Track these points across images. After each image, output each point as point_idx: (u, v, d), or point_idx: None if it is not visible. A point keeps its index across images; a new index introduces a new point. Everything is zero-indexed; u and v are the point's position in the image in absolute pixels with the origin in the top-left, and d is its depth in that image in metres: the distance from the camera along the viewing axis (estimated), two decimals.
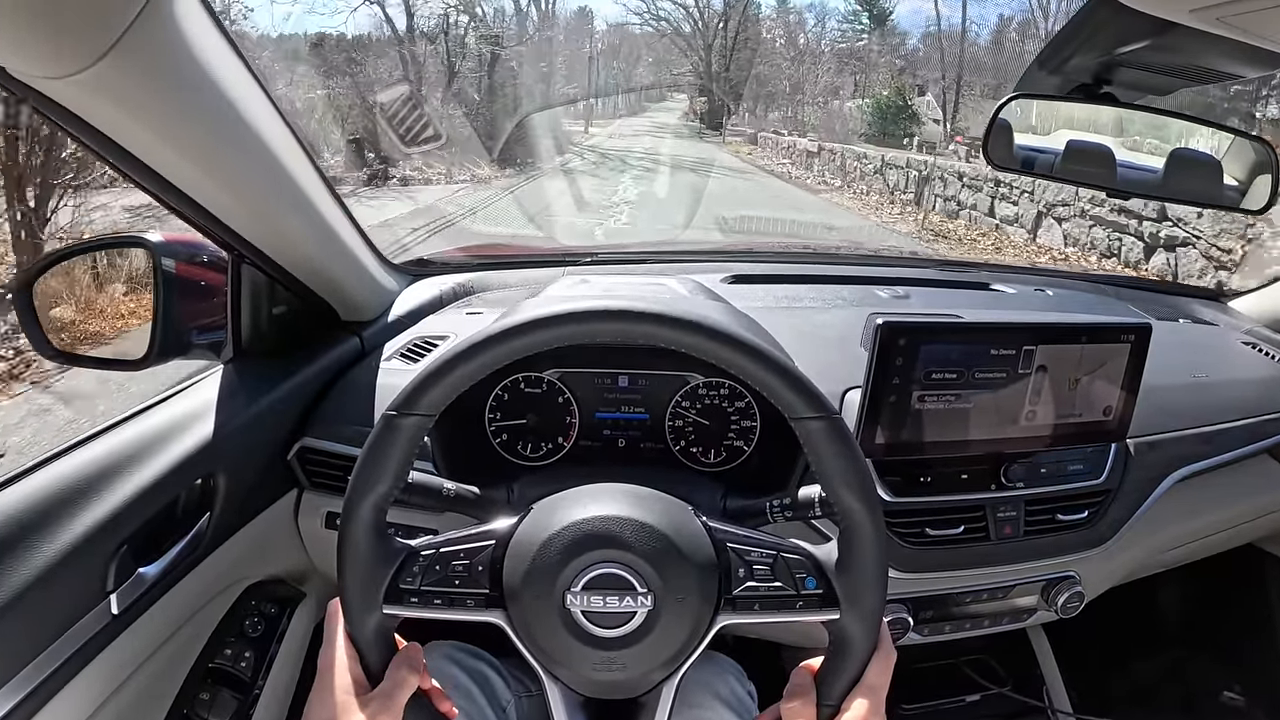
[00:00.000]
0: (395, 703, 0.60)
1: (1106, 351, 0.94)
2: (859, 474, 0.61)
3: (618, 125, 29.02)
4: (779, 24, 25.79)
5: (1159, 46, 0.78)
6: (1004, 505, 0.98)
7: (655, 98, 38.68)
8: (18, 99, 0.57)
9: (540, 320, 0.60)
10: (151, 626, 0.79)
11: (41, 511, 0.68)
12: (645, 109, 36.12)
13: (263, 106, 0.74)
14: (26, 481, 0.69)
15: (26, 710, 0.65)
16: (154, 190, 0.72)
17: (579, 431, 1.02)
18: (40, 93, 0.57)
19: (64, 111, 0.60)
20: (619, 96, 34.06)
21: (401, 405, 0.60)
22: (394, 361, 1.04)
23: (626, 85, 33.55)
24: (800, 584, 0.62)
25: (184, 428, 0.84)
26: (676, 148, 20.99)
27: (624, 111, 33.82)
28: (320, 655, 0.63)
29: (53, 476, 0.71)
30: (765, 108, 26.45)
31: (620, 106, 34.76)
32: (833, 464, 0.61)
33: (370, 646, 0.61)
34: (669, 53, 28.17)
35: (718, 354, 0.60)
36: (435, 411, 0.61)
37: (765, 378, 0.60)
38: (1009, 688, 1.34)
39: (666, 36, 27.24)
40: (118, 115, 0.62)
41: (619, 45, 30.06)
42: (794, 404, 0.60)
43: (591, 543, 0.61)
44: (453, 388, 0.60)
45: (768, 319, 1.04)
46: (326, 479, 0.96)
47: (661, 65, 29.04)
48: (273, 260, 0.89)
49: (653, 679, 0.64)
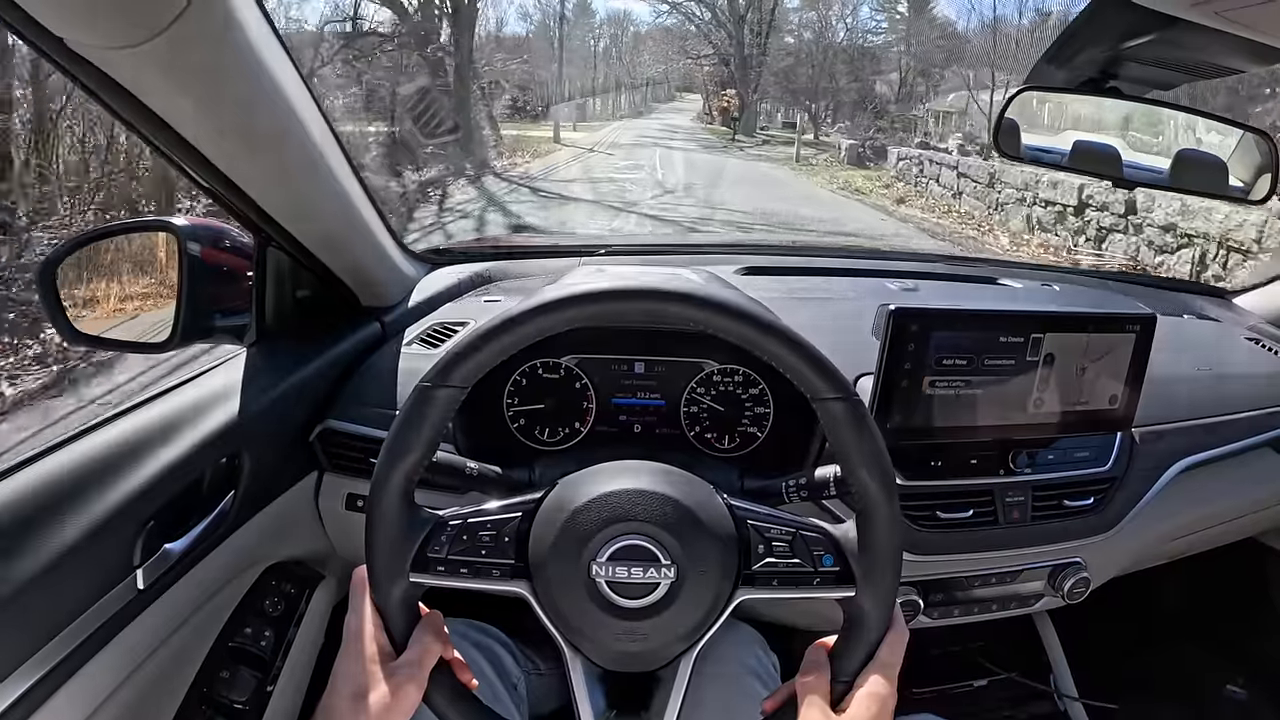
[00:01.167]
0: (422, 670, 0.61)
1: (1112, 341, 0.96)
2: (878, 455, 0.62)
3: (611, 130, 22.77)
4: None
5: (1163, 41, 0.80)
6: (1012, 490, 1.00)
7: (663, 96, 33.57)
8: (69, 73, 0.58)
9: (572, 298, 0.62)
10: (175, 603, 0.80)
11: (71, 485, 0.69)
12: (653, 109, 31.00)
13: (300, 90, 0.76)
14: (56, 456, 0.71)
15: (56, 680, 0.66)
16: (191, 167, 0.73)
17: (595, 417, 1.04)
18: (95, 66, 0.58)
19: (114, 85, 0.61)
20: (618, 92, 29.22)
21: (436, 377, 0.61)
22: (414, 346, 1.05)
23: (630, 80, 28.60)
24: (818, 561, 0.64)
25: (209, 407, 0.86)
26: (702, 168, 14.40)
27: (625, 112, 28.81)
28: (346, 622, 0.63)
29: (81, 452, 0.72)
30: (838, 106, 20.23)
31: (622, 106, 29.63)
32: (852, 444, 0.62)
33: (395, 614, 0.62)
34: (681, 34, 22.61)
35: (744, 335, 0.62)
36: (468, 384, 0.62)
37: (789, 358, 0.62)
38: (1016, 673, 1.36)
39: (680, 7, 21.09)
40: (170, 89, 0.63)
41: (622, 18, 23.86)
42: (817, 385, 0.62)
43: (618, 515, 0.62)
44: (487, 361, 0.62)
45: (780, 308, 1.05)
46: (348, 461, 0.98)
47: (671, 44, 23.11)
48: (299, 243, 0.91)
49: (672, 651, 0.65)
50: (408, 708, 0.59)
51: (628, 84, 29.24)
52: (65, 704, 0.67)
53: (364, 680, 0.59)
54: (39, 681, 0.64)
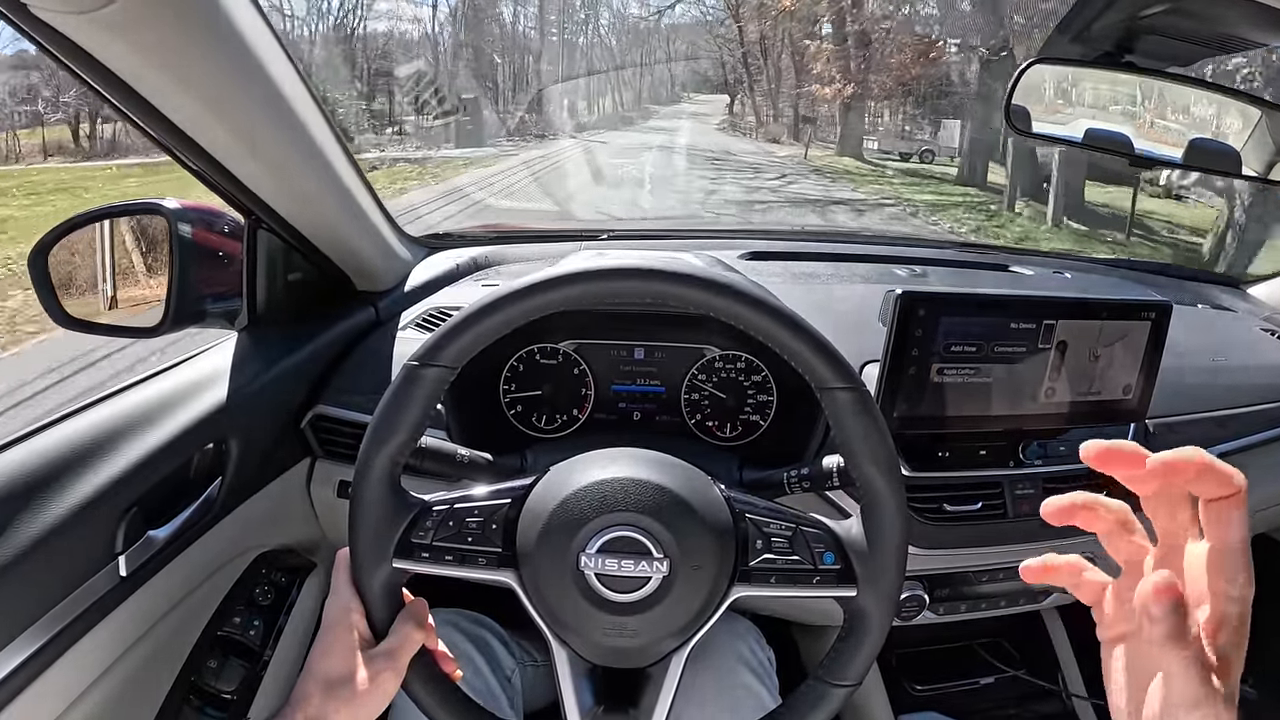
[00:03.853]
0: (399, 660, 0.59)
1: (1126, 329, 0.93)
2: (884, 448, 0.60)
3: (559, 154, 15.22)
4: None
5: (1181, 11, 0.77)
6: (1022, 482, 0.97)
7: (665, 97, 24.62)
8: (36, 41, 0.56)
9: (567, 276, 0.59)
10: (161, 590, 0.78)
11: (51, 470, 0.67)
12: (651, 114, 21.61)
13: (283, 66, 0.73)
14: (37, 440, 0.69)
15: (34, 668, 0.64)
16: (172, 146, 0.71)
17: (594, 404, 1.01)
18: (59, 32, 0.56)
19: (81, 54, 0.58)
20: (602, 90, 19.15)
21: (424, 356, 0.59)
22: (409, 331, 1.03)
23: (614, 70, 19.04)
24: (818, 559, 0.62)
25: (197, 392, 0.84)
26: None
27: (597, 119, 19.62)
28: (325, 607, 0.62)
29: (63, 436, 0.70)
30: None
31: (606, 108, 20.45)
32: (858, 437, 0.60)
33: (377, 600, 0.60)
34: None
35: (748, 319, 0.59)
36: (458, 364, 0.60)
37: (795, 345, 0.59)
38: (1023, 670, 1.33)
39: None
40: (139, 59, 0.60)
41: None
42: (823, 373, 0.60)
43: (609, 504, 0.60)
44: (476, 341, 0.59)
45: (785, 291, 1.03)
46: (340, 447, 0.96)
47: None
48: (290, 225, 0.89)
49: (663, 648, 0.63)
50: (382, 697, 0.58)
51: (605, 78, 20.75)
52: (45, 692, 0.65)
53: (339, 667, 0.58)
54: (18, 668, 0.62)
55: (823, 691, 0.63)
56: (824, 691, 0.63)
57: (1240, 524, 0.37)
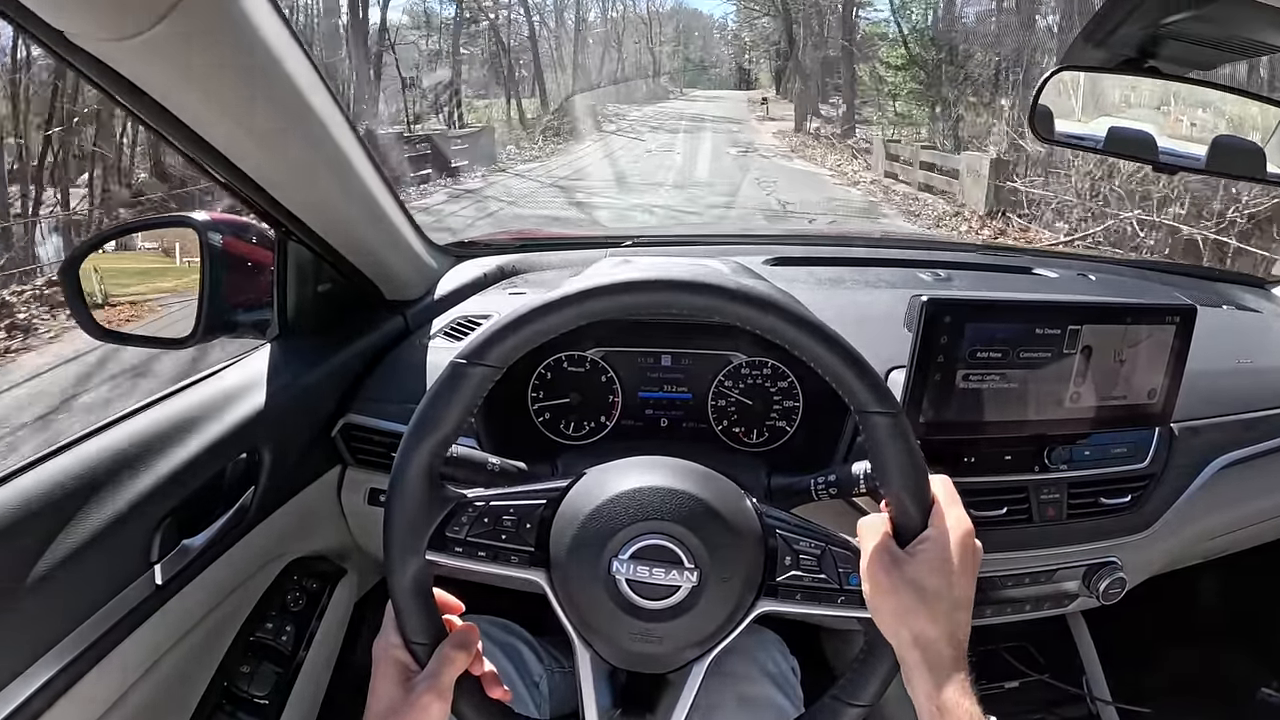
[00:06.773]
0: (442, 681, 0.59)
1: (1151, 333, 0.93)
2: (918, 473, 0.61)
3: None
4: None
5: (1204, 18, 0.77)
6: (1047, 487, 0.97)
7: (661, 91, 20.31)
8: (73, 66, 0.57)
9: (616, 286, 0.60)
10: (194, 598, 0.80)
11: (88, 481, 0.69)
12: (669, 95, 19.39)
13: (313, 81, 0.74)
14: (74, 451, 0.70)
15: (69, 676, 0.65)
16: (206, 163, 0.72)
17: (621, 411, 1.02)
18: (96, 58, 0.57)
19: (118, 79, 0.59)
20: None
21: (472, 354, 0.60)
22: (439, 340, 1.04)
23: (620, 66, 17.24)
24: (844, 579, 0.62)
25: (230, 403, 0.85)
26: None
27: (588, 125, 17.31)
28: (374, 643, 0.63)
29: (99, 447, 0.72)
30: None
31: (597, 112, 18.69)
32: (894, 462, 0.61)
33: (406, 595, 0.60)
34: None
35: (789, 336, 0.60)
36: (503, 365, 0.60)
37: (835, 366, 0.60)
38: (1048, 675, 1.33)
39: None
40: (174, 82, 0.62)
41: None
42: (863, 398, 0.60)
43: (643, 513, 0.61)
44: (524, 343, 0.60)
45: (810, 297, 1.03)
46: (370, 455, 0.97)
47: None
48: (320, 237, 0.90)
49: (685, 656, 0.64)
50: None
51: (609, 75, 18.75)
52: (82, 697, 0.67)
53: (384, 700, 0.59)
54: (57, 674, 0.64)
55: (839, 710, 0.64)
56: (840, 710, 0.64)
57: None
